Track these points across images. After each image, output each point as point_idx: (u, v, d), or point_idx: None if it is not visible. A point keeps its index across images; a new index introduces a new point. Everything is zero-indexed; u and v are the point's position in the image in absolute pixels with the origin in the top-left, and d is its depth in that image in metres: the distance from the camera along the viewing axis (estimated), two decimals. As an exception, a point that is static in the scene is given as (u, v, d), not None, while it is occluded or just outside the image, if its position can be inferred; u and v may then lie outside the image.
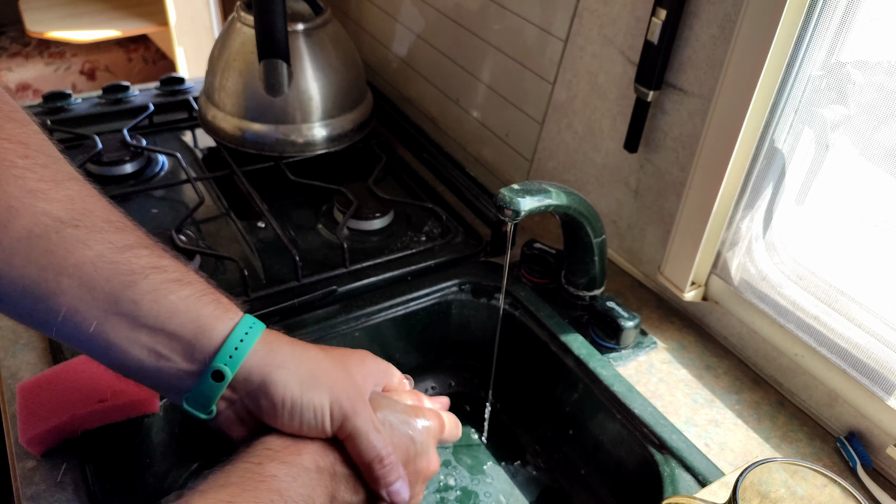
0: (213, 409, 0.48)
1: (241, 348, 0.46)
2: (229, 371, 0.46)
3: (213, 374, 0.46)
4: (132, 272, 0.45)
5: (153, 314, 0.45)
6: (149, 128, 1.05)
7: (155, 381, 0.47)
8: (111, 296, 0.45)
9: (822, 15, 0.57)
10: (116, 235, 0.46)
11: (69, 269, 0.44)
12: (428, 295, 0.78)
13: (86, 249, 0.45)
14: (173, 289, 0.46)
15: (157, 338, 0.45)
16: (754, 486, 0.48)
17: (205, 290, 0.48)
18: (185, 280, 0.47)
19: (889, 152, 0.58)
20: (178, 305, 0.46)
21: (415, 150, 1.04)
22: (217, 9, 1.94)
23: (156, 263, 0.46)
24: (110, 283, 0.45)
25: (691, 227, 0.69)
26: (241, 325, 0.47)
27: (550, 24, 0.85)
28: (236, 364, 0.46)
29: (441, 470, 0.75)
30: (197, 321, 0.46)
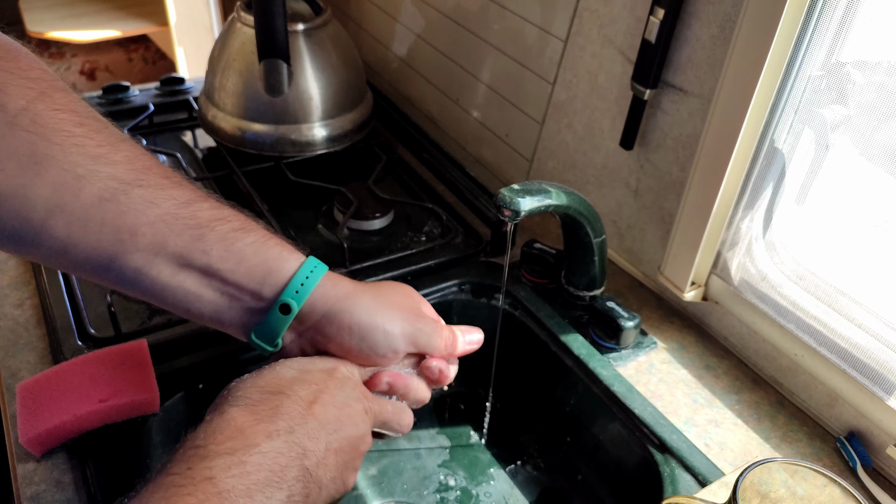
0: (279, 342, 0.51)
1: (306, 284, 0.50)
2: (296, 304, 0.50)
3: (281, 307, 0.49)
4: (199, 225, 0.48)
5: (223, 262, 0.48)
6: (149, 128, 1.05)
7: (227, 321, 0.51)
8: (184, 248, 0.48)
9: (822, 15, 0.57)
10: (177, 191, 0.49)
11: (142, 228, 0.47)
12: (428, 295, 0.78)
13: (154, 208, 0.47)
14: (239, 237, 0.49)
15: (229, 282, 0.49)
16: (754, 486, 0.48)
17: (268, 236, 0.51)
18: (248, 228, 0.50)
19: (889, 152, 0.58)
20: (246, 251, 0.49)
21: (415, 150, 1.04)
22: (217, 9, 1.94)
23: (218, 215, 0.50)
24: (181, 238, 0.48)
25: (691, 227, 0.69)
26: (306, 265, 0.51)
27: (550, 24, 0.85)
28: (303, 297, 0.50)
29: (441, 470, 0.75)
30: (265, 263, 0.49)
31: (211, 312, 0.50)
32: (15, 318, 0.72)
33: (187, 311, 0.50)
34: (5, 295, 0.74)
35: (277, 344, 0.51)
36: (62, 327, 0.69)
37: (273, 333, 0.51)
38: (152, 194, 0.48)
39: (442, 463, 0.76)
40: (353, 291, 0.52)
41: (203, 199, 0.50)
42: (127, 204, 0.47)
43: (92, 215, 0.46)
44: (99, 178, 0.46)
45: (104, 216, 0.46)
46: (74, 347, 0.67)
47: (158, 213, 0.47)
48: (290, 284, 0.50)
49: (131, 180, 0.47)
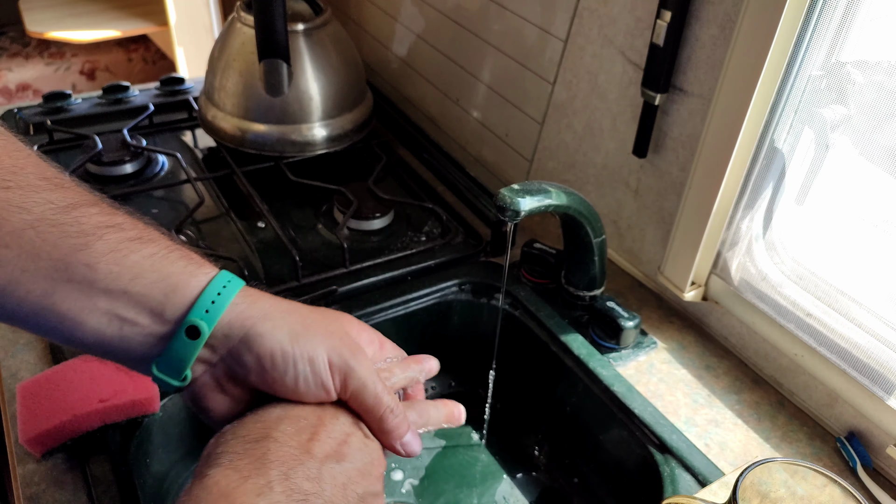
0: (187, 373, 0.42)
1: (218, 301, 0.41)
2: (206, 326, 0.40)
3: (188, 330, 0.40)
4: (83, 234, 0.39)
5: (113, 277, 0.39)
6: (149, 128, 1.05)
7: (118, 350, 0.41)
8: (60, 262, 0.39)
9: (822, 15, 0.57)
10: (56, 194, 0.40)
11: (5, 239, 0.38)
12: (428, 295, 0.78)
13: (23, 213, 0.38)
14: (134, 248, 0.40)
15: (119, 302, 0.40)
16: (754, 486, 0.48)
17: (171, 247, 0.42)
18: (146, 237, 0.41)
19: (889, 152, 0.58)
20: (143, 265, 0.40)
21: (415, 150, 1.04)
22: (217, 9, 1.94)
23: (109, 221, 0.40)
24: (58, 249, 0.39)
25: (691, 227, 0.69)
26: (217, 279, 0.41)
27: (550, 24, 0.85)
28: (214, 318, 0.41)
29: (441, 470, 0.75)
30: (167, 279, 0.40)
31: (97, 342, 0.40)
32: (15, 318, 0.72)
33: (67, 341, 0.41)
34: (5, 295, 0.74)
35: (186, 377, 0.42)
36: (62, 327, 0.69)
37: (180, 364, 0.41)
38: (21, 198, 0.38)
39: (442, 463, 0.76)
40: (273, 311, 0.43)
41: (91, 203, 0.41)
42: None
43: None
44: None
45: None
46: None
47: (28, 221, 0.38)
48: (199, 303, 0.40)
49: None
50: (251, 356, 0.41)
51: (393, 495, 0.73)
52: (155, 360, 0.41)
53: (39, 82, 2.17)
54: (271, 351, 0.41)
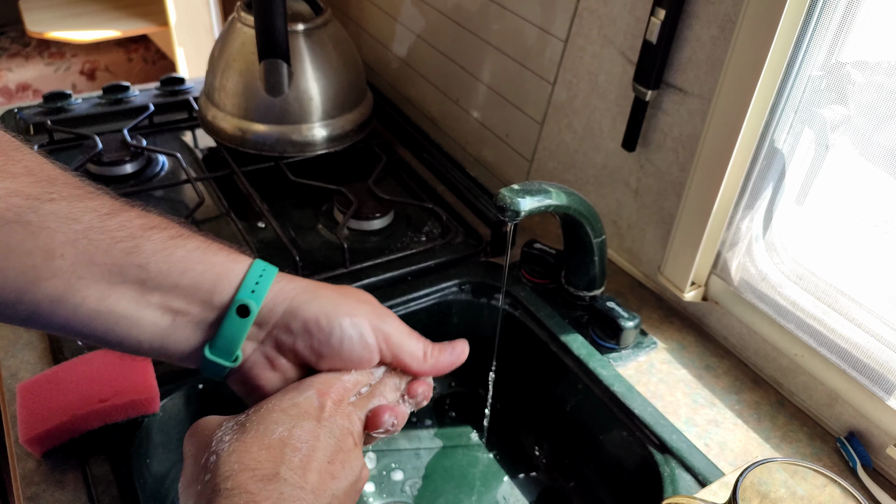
0: (238, 354, 0.44)
1: (261, 282, 0.44)
2: (254, 303, 0.43)
3: (239, 309, 0.43)
4: (131, 237, 0.42)
5: (164, 274, 0.42)
6: (149, 128, 1.05)
7: (171, 343, 0.43)
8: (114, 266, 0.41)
9: (822, 15, 0.57)
10: (96, 201, 0.42)
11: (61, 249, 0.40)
12: (428, 295, 0.78)
13: (73, 223, 0.40)
14: (179, 244, 0.43)
15: (172, 295, 0.42)
16: (754, 486, 0.48)
17: (209, 241, 0.45)
18: (185, 234, 0.44)
19: (889, 152, 0.58)
20: (189, 259, 0.43)
21: (415, 150, 1.04)
22: (217, 9, 1.94)
23: (149, 223, 0.43)
24: (110, 254, 0.41)
25: (691, 227, 0.69)
26: (256, 265, 0.45)
27: (550, 24, 0.85)
28: (261, 296, 0.44)
29: (441, 470, 0.75)
30: (212, 269, 0.43)
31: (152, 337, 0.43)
32: (15, 318, 0.72)
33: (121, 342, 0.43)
34: (5, 295, 0.74)
35: (237, 357, 0.45)
36: (62, 327, 0.69)
37: (231, 344, 0.44)
38: (69, 208, 0.40)
39: (442, 463, 0.76)
40: (311, 285, 0.46)
41: (128, 207, 0.43)
42: (38, 223, 0.39)
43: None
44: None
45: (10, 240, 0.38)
46: (74, 347, 0.67)
47: (79, 230, 0.40)
48: (244, 285, 0.43)
49: (39, 195, 0.40)
50: (298, 323, 0.44)
51: (393, 495, 0.73)
52: (207, 343, 0.44)
53: (39, 82, 2.18)
54: (316, 316, 0.44)
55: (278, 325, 0.45)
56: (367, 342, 0.46)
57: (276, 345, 0.45)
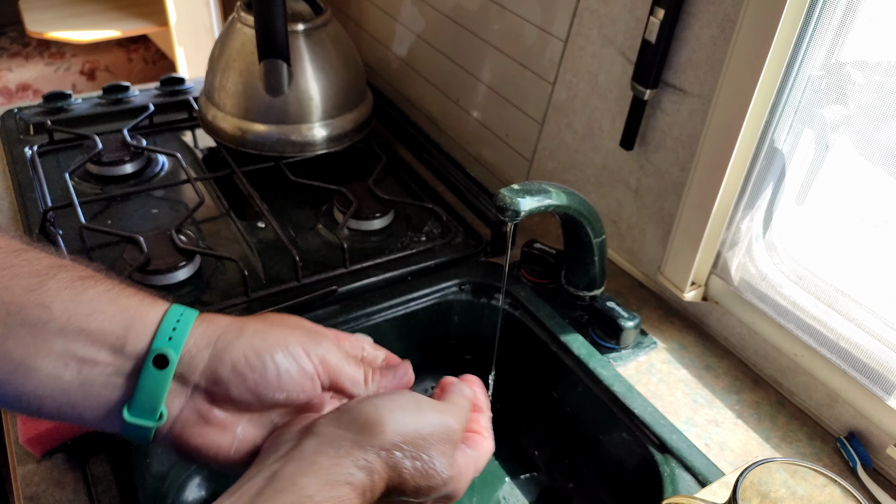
0: (162, 410, 0.39)
1: (179, 328, 0.39)
2: (173, 352, 0.39)
3: (156, 360, 0.38)
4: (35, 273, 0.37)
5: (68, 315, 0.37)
6: (149, 128, 1.05)
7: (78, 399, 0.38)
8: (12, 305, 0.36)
9: (822, 15, 0.57)
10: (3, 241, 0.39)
11: None
12: (428, 295, 0.78)
13: None
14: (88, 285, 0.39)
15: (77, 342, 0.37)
16: (754, 486, 0.48)
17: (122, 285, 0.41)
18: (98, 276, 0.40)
19: (889, 152, 0.58)
20: (99, 300, 0.38)
21: (415, 150, 1.04)
22: (217, 9, 1.94)
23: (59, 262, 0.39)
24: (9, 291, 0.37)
25: (691, 227, 0.69)
26: (173, 310, 0.40)
27: (550, 24, 0.85)
28: (180, 343, 0.39)
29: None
30: (124, 313, 0.39)
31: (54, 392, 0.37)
32: (15, 318, 0.72)
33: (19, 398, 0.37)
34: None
35: (162, 415, 0.39)
36: (62, 327, 0.69)
37: (153, 400, 0.39)
38: None
39: (442, 463, 0.76)
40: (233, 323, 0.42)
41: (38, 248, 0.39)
42: None
43: None
44: None
45: None
46: (74, 347, 0.67)
47: None
48: (160, 331, 0.39)
49: None
50: (226, 367, 0.40)
51: (393, 495, 0.73)
52: (125, 403, 0.39)
53: (39, 82, 2.18)
54: (244, 354, 0.40)
55: (205, 373, 0.40)
56: (306, 370, 0.42)
57: (206, 397, 0.40)
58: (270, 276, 0.78)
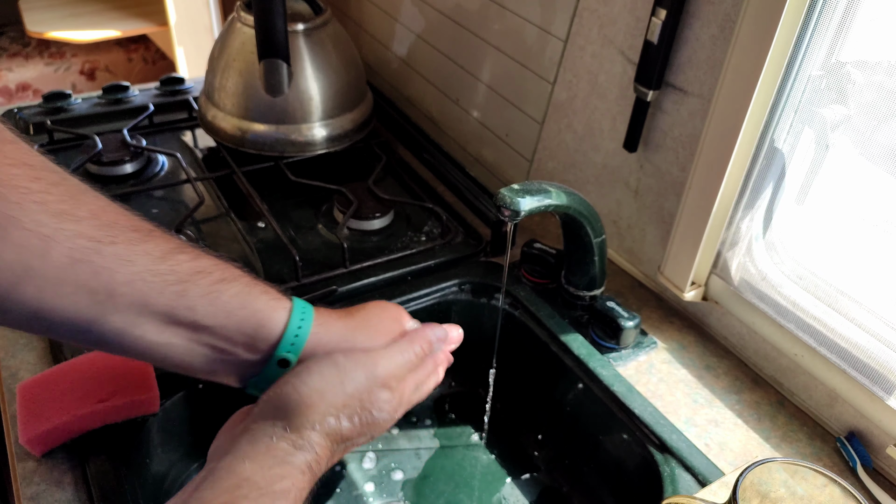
0: None
1: (300, 335, 0.49)
2: (293, 357, 0.49)
3: (279, 362, 0.48)
4: (180, 280, 0.46)
5: (210, 316, 0.47)
6: (149, 128, 1.05)
7: (219, 372, 0.49)
8: (167, 307, 0.46)
9: (822, 15, 0.57)
10: (150, 244, 0.47)
11: (120, 289, 0.45)
12: (428, 295, 0.78)
13: (130, 266, 0.45)
14: (223, 288, 0.47)
15: (218, 337, 0.47)
16: (754, 486, 0.48)
17: (251, 283, 0.49)
18: (228, 278, 0.48)
19: (889, 152, 0.58)
20: (232, 304, 0.47)
21: (415, 150, 1.04)
22: (217, 9, 1.94)
23: (197, 267, 0.47)
24: (163, 295, 0.45)
25: (691, 227, 0.69)
26: (295, 313, 0.49)
27: (550, 24, 0.85)
28: (299, 349, 0.49)
29: (441, 470, 0.75)
30: (254, 316, 0.48)
31: (203, 366, 0.49)
32: (15, 318, 0.72)
33: (178, 367, 0.48)
34: (5, 295, 0.74)
35: None
36: (62, 327, 0.69)
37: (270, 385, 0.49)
38: (126, 251, 0.45)
39: (442, 463, 0.76)
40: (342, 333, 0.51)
41: (178, 249, 0.47)
42: (101, 264, 0.44)
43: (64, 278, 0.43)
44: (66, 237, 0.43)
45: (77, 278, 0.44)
46: (74, 347, 0.67)
47: (135, 271, 0.45)
48: (285, 337, 0.48)
49: (101, 237, 0.45)
50: None
51: (393, 495, 0.73)
52: (250, 380, 0.50)
53: (39, 82, 2.18)
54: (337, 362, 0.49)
55: None
56: None
57: None
58: (270, 276, 0.78)
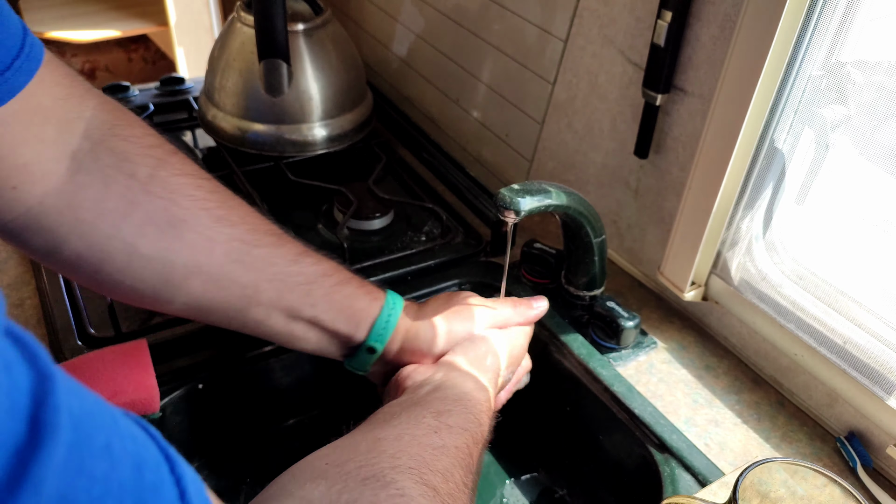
0: (368, 368, 0.61)
1: (386, 328, 0.59)
2: (379, 346, 0.59)
3: (368, 349, 0.59)
4: (308, 282, 0.56)
5: (326, 313, 0.56)
6: (149, 128, 1.05)
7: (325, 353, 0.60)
8: (295, 302, 0.55)
9: (822, 15, 0.57)
10: (283, 248, 0.56)
11: (263, 285, 0.54)
12: (428, 295, 0.78)
13: (272, 266, 0.54)
14: (339, 290, 0.57)
15: (329, 330, 0.58)
16: (754, 486, 0.48)
17: (358, 284, 0.59)
18: (343, 280, 0.58)
19: (889, 152, 0.58)
20: (343, 304, 0.57)
21: (415, 150, 1.04)
22: (217, 9, 1.94)
23: (321, 270, 0.57)
24: (293, 293, 0.55)
25: (691, 227, 0.69)
26: (384, 309, 0.59)
27: (550, 24, 0.85)
28: (384, 340, 0.59)
29: (441, 470, 0.75)
30: (356, 316, 0.58)
31: (314, 349, 0.59)
32: (15, 318, 0.72)
33: (296, 348, 0.59)
34: (5, 295, 0.74)
35: (367, 370, 0.61)
36: (62, 327, 0.69)
37: (363, 366, 0.61)
38: (268, 254, 0.54)
39: (442, 463, 0.76)
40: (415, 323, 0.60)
41: (305, 253, 0.57)
42: (250, 263, 0.53)
43: (223, 274, 0.52)
44: (224, 239, 0.52)
45: (232, 274, 0.52)
46: (74, 347, 0.67)
47: (275, 271, 0.54)
48: (374, 330, 0.58)
49: (250, 241, 0.54)
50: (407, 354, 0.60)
51: (393, 495, 0.73)
52: (347, 360, 0.61)
53: (39, 82, 2.17)
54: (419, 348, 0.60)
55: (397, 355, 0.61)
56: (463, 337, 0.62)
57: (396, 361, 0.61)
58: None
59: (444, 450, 0.48)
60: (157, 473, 0.26)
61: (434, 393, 0.55)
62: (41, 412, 0.21)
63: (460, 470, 0.47)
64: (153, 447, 0.27)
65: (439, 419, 0.50)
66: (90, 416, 0.23)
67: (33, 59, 0.46)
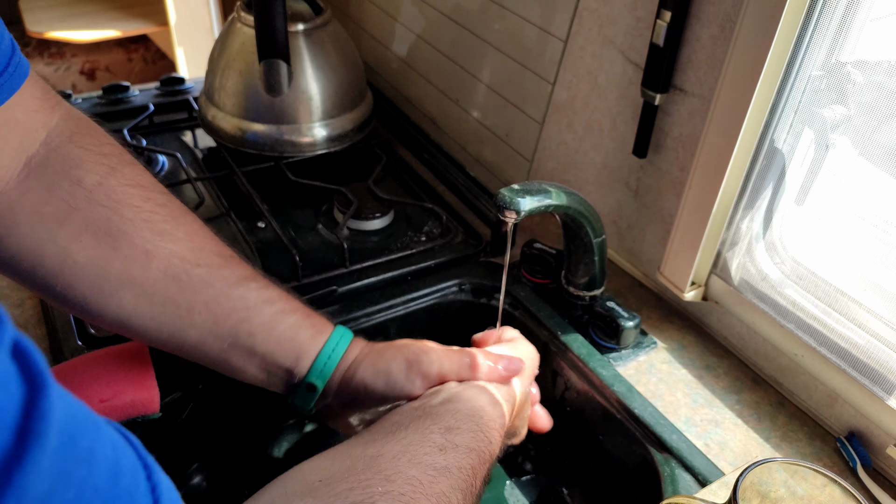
0: (311, 406, 0.57)
1: (328, 365, 0.55)
2: (320, 384, 0.55)
3: (307, 386, 0.55)
4: (248, 307, 0.53)
5: (265, 344, 0.53)
6: (149, 128, 1.05)
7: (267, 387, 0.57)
8: (232, 329, 0.52)
9: (822, 15, 0.57)
10: (226, 271, 0.53)
11: (198, 307, 0.51)
12: (428, 295, 0.78)
13: (210, 288, 0.51)
14: (281, 319, 0.54)
15: (268, 362, 0.54)
16: (754, 486, 0.48)
17: (304, 315, 0.56)
18: (288, 309, 0.55)
19: (889, 152, 0.58)
20: (285, 335, 0.54)
21: (415, 150, 1.04)
22: (217, 9, 1.94)
23: (264, 297, 0.54)
24: (231, 318, 0.52)
25: (691, 227, 0.69)
26: (328, 344, 0.55)
27: (550, 24, 0.85)
28: (325, 378, 0.55)
29: (441, 470, 0.75)
30: (298, 349, 0.55)
31: (254, 381, 0.56)
32: (15, 318, 0.72)
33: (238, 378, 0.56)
34: (5, 295, 0.74)
35: (311, 409, 0.57)
36: (62, 327, 0.69)
37: (305, 403, 0.56)
38: (209, 274, 0.52)
39: (442, 463, 0.76)
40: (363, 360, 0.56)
41: (250, 278, 0.54)
42: (187, 283, 0.51)
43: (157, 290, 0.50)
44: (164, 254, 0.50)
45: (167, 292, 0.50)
46: (74, 347, 0.67)
47: (212, 293, 0.51)
48: (314, 367, 0.55)
49: (192, 259, 0.51)
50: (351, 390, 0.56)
51: (393, 495, 0.73)
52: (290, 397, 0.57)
53: (39, 82, 2.17)
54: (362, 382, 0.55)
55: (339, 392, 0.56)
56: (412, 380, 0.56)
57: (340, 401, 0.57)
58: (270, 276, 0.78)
59: (446, 472, 0.46)
60: (133, 479, 0.27)
61: (447, 405, 0.52)
62: (30, 422, 0.21)
63: (459, 493, 0.46)
64: (132, 454, 0.28)
65: (447, 436, 0.49)
66: (74, 421, 0.24)
67: (17, 77, 0.47)
